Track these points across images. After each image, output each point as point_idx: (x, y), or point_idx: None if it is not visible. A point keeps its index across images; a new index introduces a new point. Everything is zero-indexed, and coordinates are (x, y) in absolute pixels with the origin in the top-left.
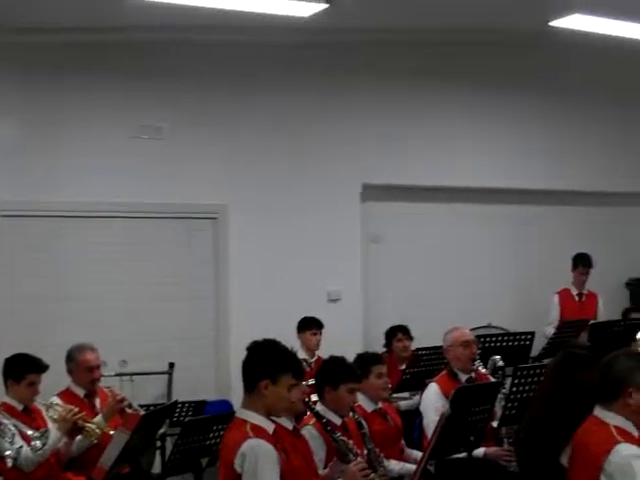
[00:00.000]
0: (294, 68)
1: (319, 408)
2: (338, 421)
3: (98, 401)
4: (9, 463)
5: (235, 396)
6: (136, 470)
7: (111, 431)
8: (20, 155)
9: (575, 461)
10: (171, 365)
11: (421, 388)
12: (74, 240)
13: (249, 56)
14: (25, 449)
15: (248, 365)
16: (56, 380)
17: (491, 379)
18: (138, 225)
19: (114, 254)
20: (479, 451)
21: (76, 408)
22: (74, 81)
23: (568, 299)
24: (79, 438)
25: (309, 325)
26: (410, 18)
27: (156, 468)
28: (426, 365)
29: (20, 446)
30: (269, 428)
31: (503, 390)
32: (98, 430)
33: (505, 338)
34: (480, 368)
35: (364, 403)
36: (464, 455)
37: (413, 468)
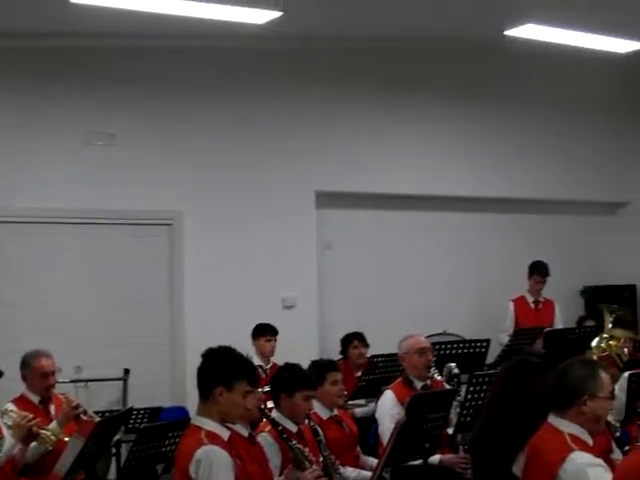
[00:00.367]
0: (249, 75)
1: (275, 415)
2: (294, 428)
3: (53, 407)
4: None
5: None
6: (91, 477)
7: (66, 438)
8: None
9: (529, 469)
10: (126, 371)
11: (377, 395)
12: (28, 246)
13: (204, 63)
14: None
15: (203, 372)
16: (11, 386)
17: (446, 386)
18: (93, 231)
19: (69, 260)
20: (434, 458)
21: (31, 415)
22: (27, 88)
23: (524, 307)
24: (34, 445)
25: (263, 331)
26: (364, 26)
27: (111, 475)
28: (382, 372)
29: None
30: (224, 435)
31: (458, 397)
32: (53, 437)
33: (460, 345)
34: (435, 375)
35: (320, 410)
36: (420, 462)
37: (369, 475)
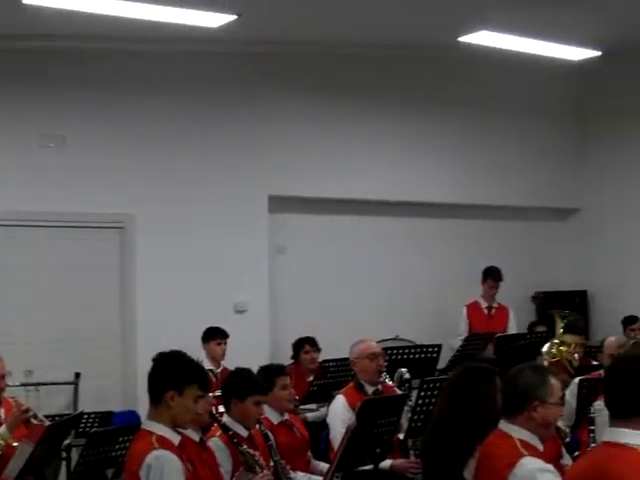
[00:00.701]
0: (203, 79)
1: (226, 420)
2: (245, 433)
3: (2, 411)
4: None
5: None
6: None
7: (15, 442)
8: None
9: (480, 474)
10: (77, 375)
11: (328, 400)
12: None
13: (157, 66)
14: None
15: (154, 376)
16: None
17: (398, 391)
18: (44, 234)
19: (19, 262)
20: (386, 463)
21: None
22: None
23: (477, 312)
24: None
25: (214, 335)
26: (319, 31)
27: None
28: (333, 377)
29: None
30: (175, 440)
31: (409, 402)
32: (2, 441)
33: (412, 350)
34: (387, 380)
35: (270, 415)
36: (371, 467)
37: None
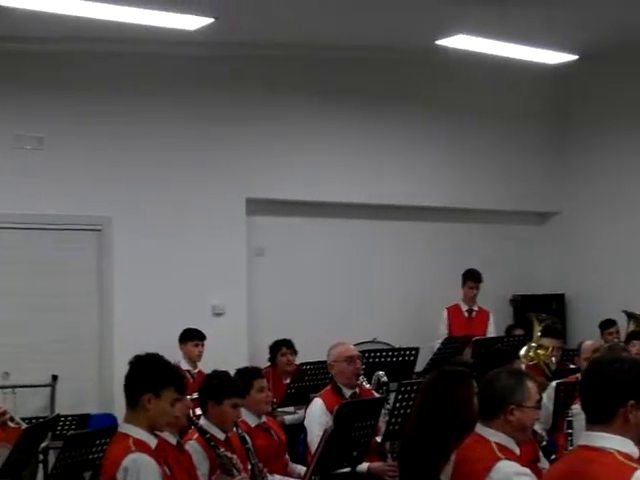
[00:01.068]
0: (181, 82)
1: (203, 423)
2: (222, 436)
3: None
4: None
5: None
6: None
7: None
8: None
9: (456, 478)
10: (54, 378)
11: (306, 403)
12: None
13: (135, 68)
14: None
15: (130, 379)
16: None
17: (375, 394)
18: (21, 236)
19: None
20: (363, 466)
21: None
22: None
23: (457, 315)
24: None
25: (191, 336)
26: (297, 34)
27: None
28: (311, 380)
29: None
30: (152, 443)
31: (387, 405)
32: None
33: (390, 354)
34: (364, 383)
35: (248, 418)
36: (348, 470)
37: None
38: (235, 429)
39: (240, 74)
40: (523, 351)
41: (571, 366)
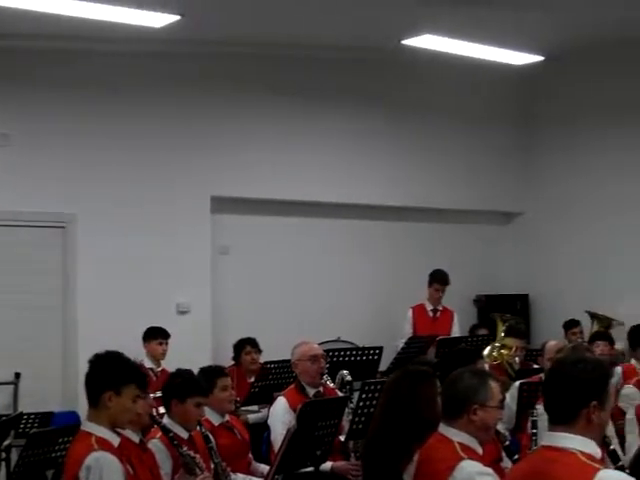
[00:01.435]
0: (146, 79)
1: (166, 421)
2: (185, 435)
3: None
4: None
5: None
6: None
7: None
8: None
9: (419, 478)
10: (17, 375)
11: (270, 401)
12: None
13: (102, 66)
14: None
15: (91, 378)
16: None
17: (339, 393)
18: None
19: None
20: (326, 465)
21: None
22: None
23: (422, 315)
24: None
25: (155, 335)
26: (263, 33)
27: None
28: (275, 378)
29: None
30: (114, 441)
31: (351, 404)
32: None
33: (354, 353)
34: (328, 382)
35: (211, 417)
36: (311, 469)
37: None
38: (198, 428)
39: (206, 72)
40: (486, 351)
41: (534, 366)
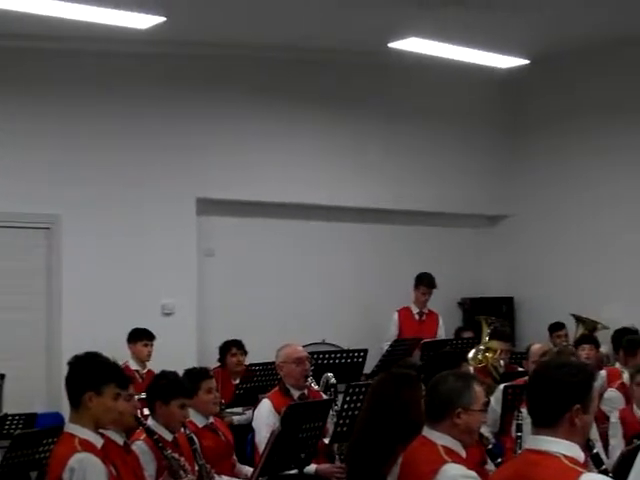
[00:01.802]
0: (132, 80)
1: (150, 423)
2: (169, 437)
3: None
4: None
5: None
6: None
7: None
8: None
9: None
10: (1, 376)
11: (254, 403)
12: None
13: (87, 67)
14: None
15: (70, 380)
16: None
17: (323, 396)
18: None
19: None
20: (310, 468)
21: None
22: None
23: (408, 318)
24: None
25: (140, 336)
26: (249, 35)
27: None
28: (259, 380)
29: None
30: (98, 443)
31: (335, 407)
32: None
33: (338, 355)
34: (313, 385)
35: (195, 418)
36: (295, 472)
37: None
38: (183, 430)
39: (191, 74)
40: (471, 354)
41: (519, 369)
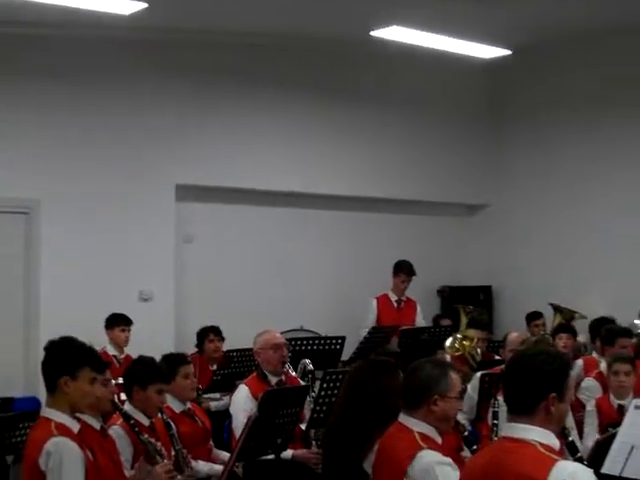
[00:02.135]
0: (112, 66)
1: (127, 408)
2: (146, 422)
3: None
4: None
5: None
6: None
7: None
8: None
9: (379, 466)
10: None
11: (232, 389)
12: None
13: (68, 54)
14: None
15: (46, 365)
16: None
17: (301, 382)
18: None
19: None
20: (287, 453)
21: None
22: None
23: (387, 305)
24: None
25: (117, 321)
26: (231, 21)
27: None
28: (237, 366)
29: None
30: (74, 427)
31: (312, 393)
32: None
33: (316, 342)
34: (290, 371)
35: (172, 404)
36: (272, 457)
37: (221, 469)
38: (160, 415)
39: (171, 62)
40: (449, 342)
41: (497, 357)
